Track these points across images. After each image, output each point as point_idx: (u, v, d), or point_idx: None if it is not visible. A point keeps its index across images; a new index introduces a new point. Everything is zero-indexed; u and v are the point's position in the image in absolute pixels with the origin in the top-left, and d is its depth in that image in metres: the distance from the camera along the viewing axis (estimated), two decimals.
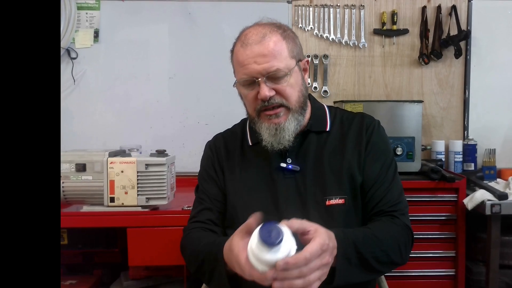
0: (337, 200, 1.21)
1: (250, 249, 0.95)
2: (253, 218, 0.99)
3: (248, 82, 1.21)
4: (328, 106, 1.38)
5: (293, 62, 1.22)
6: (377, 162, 1.26)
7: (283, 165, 1.25)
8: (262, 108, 1.21)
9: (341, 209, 1.22)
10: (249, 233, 0.98)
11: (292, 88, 1.21)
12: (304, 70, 1.29)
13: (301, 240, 0.98)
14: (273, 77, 1.19)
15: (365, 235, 1.13)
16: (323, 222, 1.17)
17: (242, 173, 1.30)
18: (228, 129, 1.43)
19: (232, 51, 1.26)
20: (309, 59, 1.39)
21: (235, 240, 1.02)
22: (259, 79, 1.18)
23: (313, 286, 0.95)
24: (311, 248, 0.94)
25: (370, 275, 1.14)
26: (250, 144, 1.33)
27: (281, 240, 0.91)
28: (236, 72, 1.25)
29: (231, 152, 1.34)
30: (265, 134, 1.23)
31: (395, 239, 1.17)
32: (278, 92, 1.20)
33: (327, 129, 1.30)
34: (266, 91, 1.18)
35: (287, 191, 1.24)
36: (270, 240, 0.91)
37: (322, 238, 0.97)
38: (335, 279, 1.04)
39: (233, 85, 1.26)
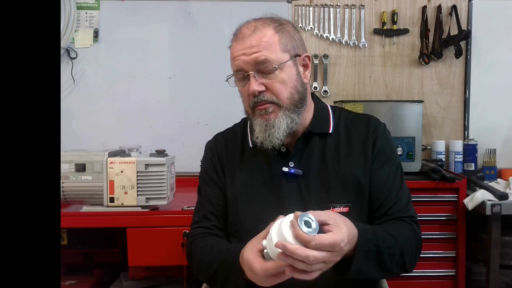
0: (341, 208, 1.18)
1: (277, 239, 0.95)
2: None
3: (239, 76, 1.19)
4: (332, 107, 1.33)
5: (286, 56, 1.18)
6: (384, 169, 1.23)
7: (285, 169, 1.22)
8: (255, 104, 1.19)
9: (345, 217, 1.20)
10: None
11: (282, 85, 1.17)
12: (305, 66, 1.24)
13: (323, 230, 0.97)
14: (262, 70, 1.16)
15: (382, 231, 1.12)
16: None
17: (243, 177, 1.26)
18: (229, 128, 1.39)
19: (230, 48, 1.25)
20: (310, 55, 1.35)
21: (250, 245, 1.04)
22: (249, 73, 1.16)
23: (313, 275, 0.95)
24: (323, 239, 0.93)
25: (381, 272, 1.12)
26: (251, 146, 1.29)
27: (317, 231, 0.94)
28: (231, 67, 1.23)
29: (231, 154, 1.30)
30: (257, 129, 1.20)
31: (408, 239, 1.16)
32: (268, 88, 1.17)
33: (330, 131, 1.26)
34: (254, 85, 1.15)
35: (289, 197, 1.20)
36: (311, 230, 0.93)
37: (339, 237, 0.95)
38: (350, 270, 1.02)
39: (226, 79, 1.24)
